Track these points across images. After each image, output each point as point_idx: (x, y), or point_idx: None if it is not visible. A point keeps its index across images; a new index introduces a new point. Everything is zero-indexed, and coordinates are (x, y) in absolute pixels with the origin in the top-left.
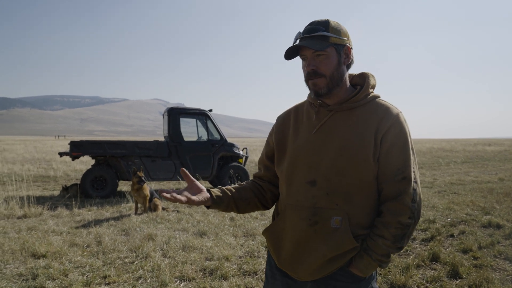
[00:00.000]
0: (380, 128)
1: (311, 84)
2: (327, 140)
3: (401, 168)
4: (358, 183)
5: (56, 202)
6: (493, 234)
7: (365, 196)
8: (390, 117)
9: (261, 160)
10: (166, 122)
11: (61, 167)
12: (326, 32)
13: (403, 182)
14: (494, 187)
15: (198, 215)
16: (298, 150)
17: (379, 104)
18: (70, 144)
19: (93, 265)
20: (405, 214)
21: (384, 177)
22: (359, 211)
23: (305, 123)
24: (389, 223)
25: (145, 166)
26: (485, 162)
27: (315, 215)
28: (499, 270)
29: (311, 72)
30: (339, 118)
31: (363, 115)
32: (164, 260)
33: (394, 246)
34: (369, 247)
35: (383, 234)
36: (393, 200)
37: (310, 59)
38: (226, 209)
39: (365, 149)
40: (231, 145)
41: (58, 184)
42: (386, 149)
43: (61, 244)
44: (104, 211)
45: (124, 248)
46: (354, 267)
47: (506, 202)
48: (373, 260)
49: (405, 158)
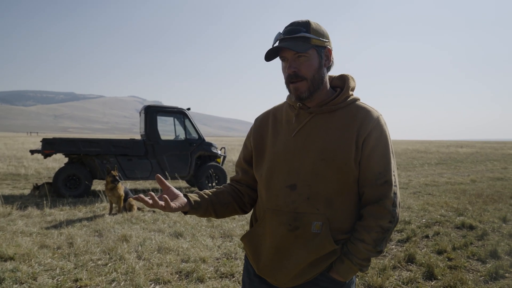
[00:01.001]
0: (362, 132)
1: (293, 88)
2: (307, 143)
3: (383, 172)
4: (338, 187)
5: (26, 201)
6: (466, 235)
7: (345, 200)
8: (371, 121)
9: (239, 163)
10: (143, 120)
11: (33, 165)
12: (307, 33)
13: (385, 186)
14: (466, 188)
15: (175, 216)
16: (277, 154)
17: (359, 107)
18: (42, 141)
19: (64, 267)
20: (386, 218)
21: (365, 181)
22: (340, 215)
23: (284, 126)
24: (370, 227)
25: (121, 165)
26: (458, 163)
27: (295, 220)
28: (472, 271)
29: (292, 74)
30: (319, 121)
31: (344, 118)
32: (139, 262)
33: (375, 250)
34: (349, 251)
35: (363, 238)
36: (374, 204)
37: (290, 60)
38: (204, 214)
39: (346, 153)
40: (209, 145)
41: (29, 183)
42: (367, 153)
43: (30, 245)
44: (76, 211)
45: (97, 250)
46: (334, 272)
47: (478, 204)
48: (354, 265)
49: (386, 162)
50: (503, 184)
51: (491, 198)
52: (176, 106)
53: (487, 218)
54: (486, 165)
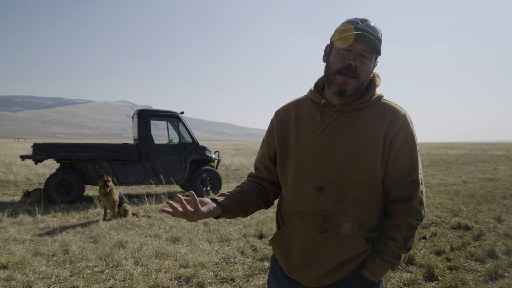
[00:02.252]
0: (389, 131)
1: (341, 81)
2: (333, 143)
3: (410, 171)
4: (365, 187)
5: (17, 208)
6: (463, 236)
7: (371, 200)
8: (398, 119)
9: (261, 161)
10: (135, 124)
11: (22, 171)
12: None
13: (412, 185)
14: (459, 189)
15: (170, 221)
16: (303, 154)
17: (385, 105)
18: (33, 146)
19: (59, 275)
20: (414, 216)
21: (392, 180)
22: (367, 215)
23: (307, 122)
24: (400, 225)
25: (114, 170)
26: (449, 165)
27: (325, 222)
28: (471, 271)
29: (354, 68)
30: (345, 120)
31: (370, 117)
32: (137, 269)
33: (404, 247)
34: (380, 250)
35: (394, 236)
36: (402, 203)
37: (356, 54)
38: (233, 216)
39: (373, 154)
40: (203, 148)
41: (19, 189)
42: (394, 153)
43: (23, 253)
44: (70, 217)
45: (93, 257)
46: (366, 271)
47: (472, 204)
48: (385, 263)
49: (414, 161)
50: (494, 184)
51: (484, 198)
52: (169, 110)
53: (482, 218)
54: (476, 166)
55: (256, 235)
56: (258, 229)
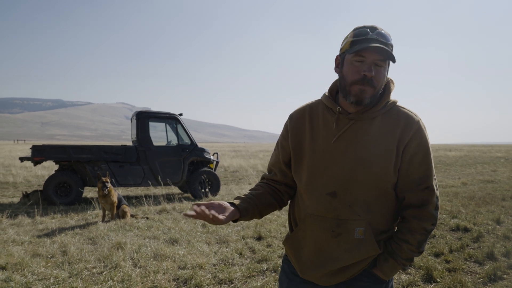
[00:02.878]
0: (403, 138)
1: (359, 90)
2: (347, 150)
3: (423, 177)
4: (377, 193)
5: (16, 209)
6: (462, 237)
7: (383, 204)
8: (412, 126)
9: (276, 164)
10: (134, 126)
11: (21, 173)
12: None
13: (426, 191)
14: (458, 191)
15: (169, 222)
16: (317, 160)
17: (399, 112)
18: (32, 148)
19: (58, 277)
20: (430, 221)
21: (406, 186)
22: (378, 218)
23: (322, 129)
24: (415, 229)
25: (113, 172)
26: (448, 167)
27: (338, 226)
28: (470, 273)
29: (370, 78)
30: (359, 128)
31: (384, 124)
32: (135, 270)
33: (417, 250)
34: (394, 251)
35: (408, 239)
36: (417, 208)
37: (370, 63)
38: (250, 218)
39: (386, 161)
40: (202, 150)
41: (18, 191)
42: (408, 159)
43: (22, 254)
44: (68, 219)
45: (91, 258)
46: (378, 270)
47: (471, 206)
48: (398, 264)
49: (427, 168)
50: (493, 186)
51: (483, 200)
52: (168, 111)
53: (481, 220)
54: (475, 168)
55: (254, 236)
56: (257, 230)
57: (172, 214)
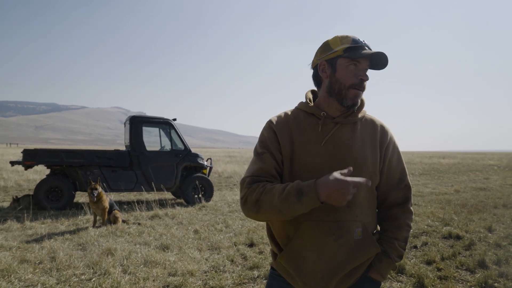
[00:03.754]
0: (382, 142)
1: (354, 95)
2: (338, 152)
3: (401, 177)
4: (367, 194)
5: (6, 214)
6: (454, 245)
7: (370, 204)
8: (387, 132)
9: (267, 171)
10: (127, 131)
11: (12, 177)
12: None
13: (405, 189)
14: (451, 198)
15: (161, 228)
16: (310, 165)
17: (373, 120)
18: (23, 152)
19: (45, 283)
20: (410, 218)
21: (388, 186)
22: (369, 218)
23: (309, 134)
24: (402, 226)
25: (105, 176)
26: (441, 174)
27: (339, 229)
28: (462, 281)
29: (363, 83)
30: (345, 131)
31: (365, 129)
32: (125, 277)
33: (404, 247)
34: (387, 250)
35: (397, 236)
36: (401, 206)
37: (363, 69)
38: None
39: (375, 163)
40: (195, 155)
41: (8, 195)
42: (388, 161)
43: (10, 260)
44: (59, 224)
45: (80, 264)
46: (374, 272)
47: (463, 214)
48: (392, 262)
49: (403, 167)
50: (486, 194)
51: (476, 208)
52: (162, 116)
53: (473, 228)
54: (468, 176)
55: (246, 243)
56: (249, 237)
57: (164, 220)
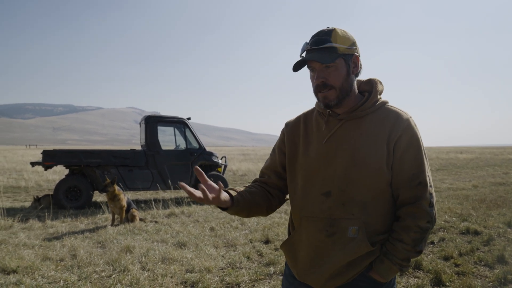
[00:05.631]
0: (392, 135)
1: (321, 97)
2: (339, 150)
3: (416, 173)
4: (372, 191)
5: (28, 213)
6: (472, 241)
7: (380, 204)
8: (401, 124)
9: (272, 167)
10: (143, 130)
11: (33, 177)
12: (334, 43)
13: (419, 187)
14: (469, 194)
15: (177, 226)
16: (310, 162)
17: (388, 111)
18: (43, 153)
19: (67, 280)
20: (424, 219)
21: (399, 183)
22: (375, 218)
23: (315, 133)
24: (409, 227)
25: (122, 176)
26: (459, 169)
27: (332, 226)
28: (480, 276)
29: (321, 84)
30: (349, 127)
31: (374, 122)
32: (143, 273)
33: (414, 250)
34: (388, 251)
35: (402, 238)
36: (410, 205)
37: (318, 71)
38: (237, 213)
39: (378, 158)
40: (210, 154)
41: (29, 195)
42: (399, 156)
43: (33, 258)
44: (78, 223)
45: (100, 261)
46: (374, 272)
47: (482, 209)
48: (393, 264)
49: (419, 164)
50: (505, 189)
51: (495, 203)
52: (176, 116)
53: (491, 223)
54: (487, 171)
55: (262, 240)
56: (264, 234)
57: (180, 217)
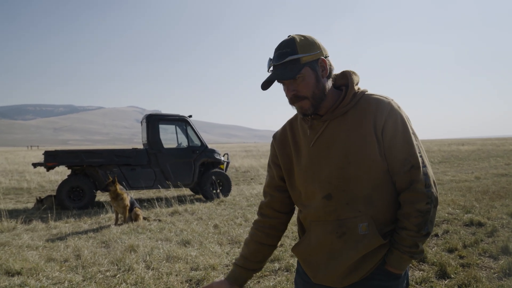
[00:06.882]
0: (378, 123)
1: (297, 107)
2: (329, 151)
3: (408, 157)
4: (373, 184)
5: (31, 215)
6: (476, 232)
7: (383, 193)
8: (384, 109)
9: (271, 183)
10: (144, 129)
11: (35, 179)
12: (295, 54)
13: (412, 170)
14: (471, 185)
15: (181, 224)
16: (304, 169)
17: (369, 99)
18: (45, 154)
19: (72, 280)
20: (422, 201)
21: (394, 169)
22: (382, 209)
23: (302, 139)
24: (409, 214)
25: (124, 175)
26: (461, 161)
27: (341, 226)
28: (485, 268)
29: (293, 97)
30: (335, 126)
31: (357, 116)
32: (148, 272)
33: (419, 234)
34: (395, 241)
35: (405, 225)
36: (406, 190)
37: (288, 84)
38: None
39: (371, 150)
40: (212, 151)
41: (32, 196)
42: (388, 142)
43: (37, 259)
44: (82, 223)
45: (104, 261)
46: (388, 265)
47: (485, 200)
48: (403, 253)
49: (409, 147)
50: (508, 180)
51: (497, 194)
52: (177, 114)
53: (495, 215)
54: (489, 162)
55: None
56: None
57: (184, 215)
